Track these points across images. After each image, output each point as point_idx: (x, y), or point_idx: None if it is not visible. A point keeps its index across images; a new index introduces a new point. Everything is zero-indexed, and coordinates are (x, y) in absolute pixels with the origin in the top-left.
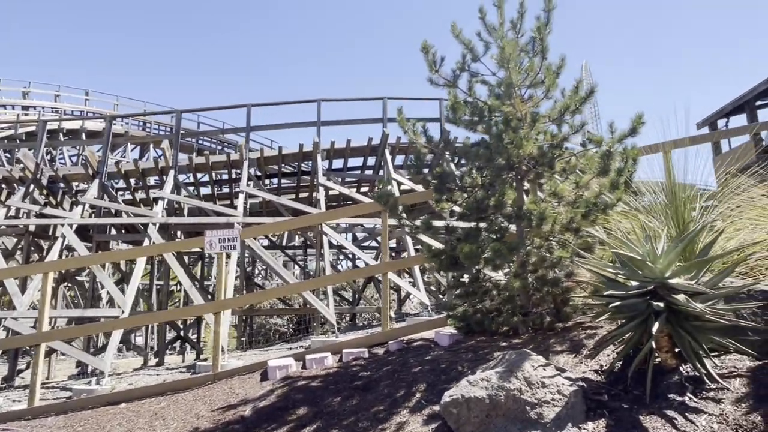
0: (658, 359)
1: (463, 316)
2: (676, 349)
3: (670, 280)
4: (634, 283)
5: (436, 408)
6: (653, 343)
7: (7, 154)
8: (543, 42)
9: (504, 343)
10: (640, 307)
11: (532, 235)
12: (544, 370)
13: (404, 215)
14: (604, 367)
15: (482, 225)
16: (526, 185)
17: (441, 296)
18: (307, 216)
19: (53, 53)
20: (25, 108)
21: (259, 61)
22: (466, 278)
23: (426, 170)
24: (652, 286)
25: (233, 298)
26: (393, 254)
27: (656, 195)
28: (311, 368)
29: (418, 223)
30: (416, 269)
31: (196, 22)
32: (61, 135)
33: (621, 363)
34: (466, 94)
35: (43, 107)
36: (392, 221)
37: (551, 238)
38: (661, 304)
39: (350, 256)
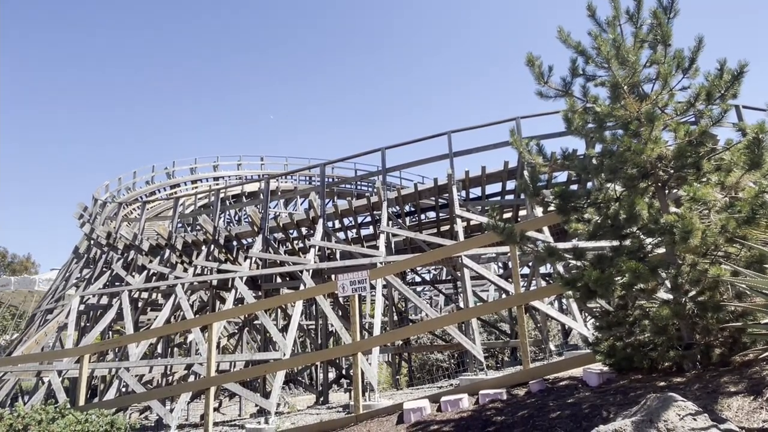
0: None
1: (610, 352)
2: None
3: None
4: None
5: None
6: None
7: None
8: (662, 27)
9: (662, 383)
10: None
11: (681, 251)
12: (694, 420)
13: (525, 241)
14: None
15: (625, 243)
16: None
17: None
18: (436, 250)
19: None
20: (215, 179)
21: (384, 99)
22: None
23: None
24: None
25: (368, 338)
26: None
27: None
28: (446, 411)
29: (539, 247)
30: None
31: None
32: (243, 197)
33: None
34: (583, 101)
35: (229, 176)
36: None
37: (710, 254)
38: None
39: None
